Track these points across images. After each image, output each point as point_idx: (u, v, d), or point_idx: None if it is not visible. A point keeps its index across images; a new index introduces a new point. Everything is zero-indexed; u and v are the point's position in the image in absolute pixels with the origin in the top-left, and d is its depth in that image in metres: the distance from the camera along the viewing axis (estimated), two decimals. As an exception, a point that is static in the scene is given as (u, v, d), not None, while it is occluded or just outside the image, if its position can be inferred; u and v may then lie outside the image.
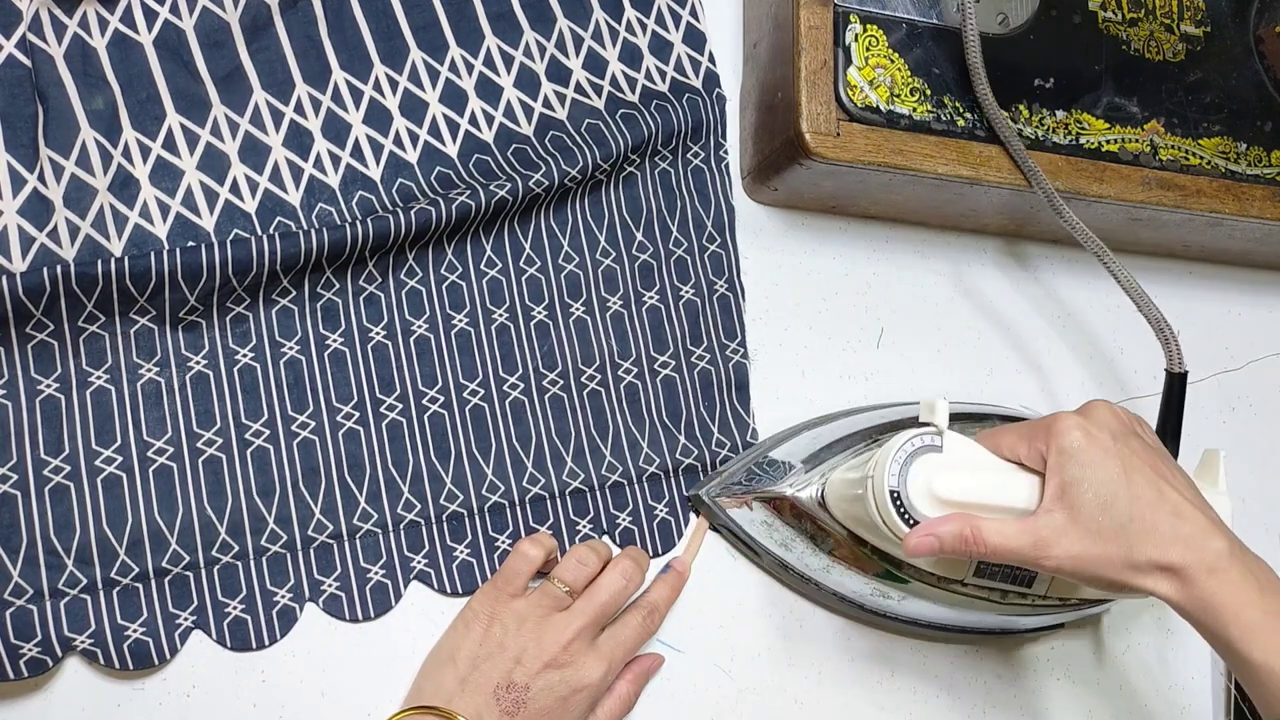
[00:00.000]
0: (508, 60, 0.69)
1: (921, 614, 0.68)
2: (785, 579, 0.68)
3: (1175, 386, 0.67)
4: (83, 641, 0.56)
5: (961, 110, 0.69)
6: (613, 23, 0.72)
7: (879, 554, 0.65)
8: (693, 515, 0.68)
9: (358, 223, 0.61)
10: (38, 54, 0.61)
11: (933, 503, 0.54)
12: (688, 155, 0.72)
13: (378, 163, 0.66)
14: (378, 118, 0.66)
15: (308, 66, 0.66)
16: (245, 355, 0.62)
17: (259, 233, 0.62)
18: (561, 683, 0.58)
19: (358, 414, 0.63)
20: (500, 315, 0.66)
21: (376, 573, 0.62)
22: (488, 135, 0.68)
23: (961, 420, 0.68)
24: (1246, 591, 0.50)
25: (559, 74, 0.70)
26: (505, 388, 0.66)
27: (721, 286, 0.71)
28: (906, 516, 0.54)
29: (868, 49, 0.68)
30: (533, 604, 0.60)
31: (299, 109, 0.65)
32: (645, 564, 0.65)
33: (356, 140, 0.66)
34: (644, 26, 0.72)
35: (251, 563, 0.60)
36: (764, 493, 0.65)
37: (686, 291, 0.70)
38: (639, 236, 0.70)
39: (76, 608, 0.56)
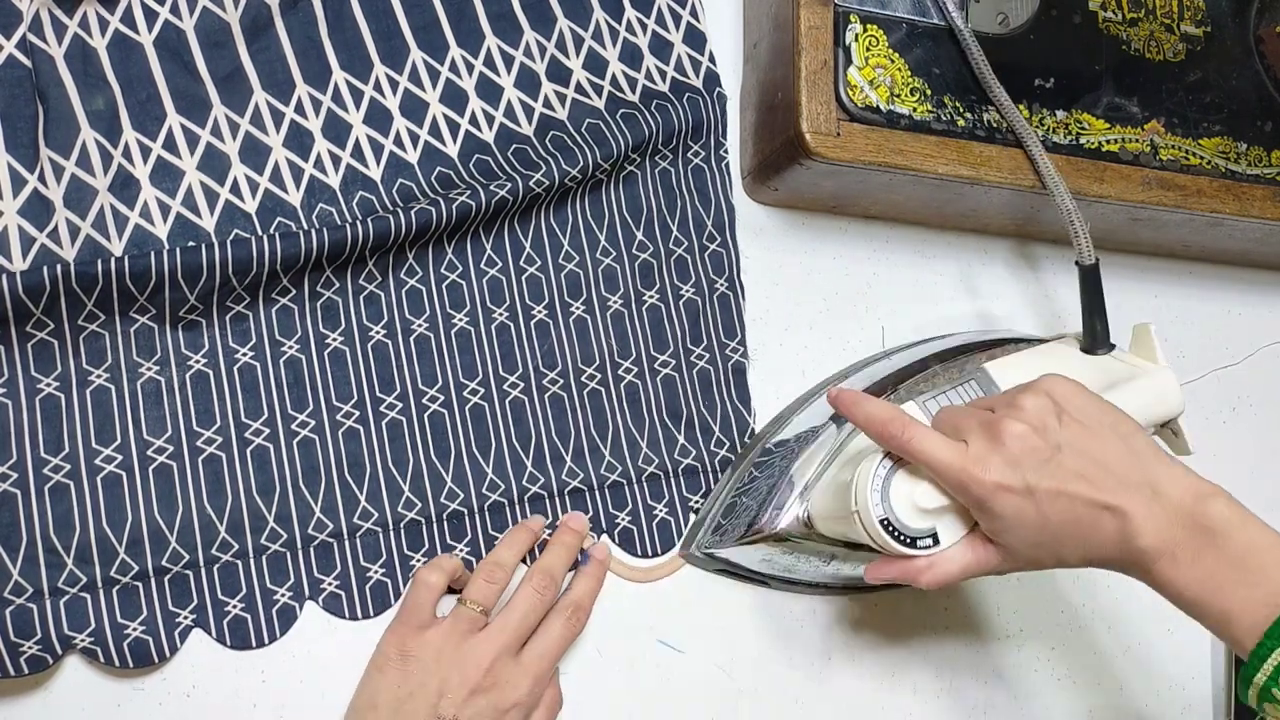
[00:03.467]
0: (508, 60, 0.69)
1: None
2: (799, 591, 0.68)
3: (1088, 278, 0.67)
4: (83, 640, 0.56)
5: (961, 110, 0.69)
6: (613, 23, 0.72)
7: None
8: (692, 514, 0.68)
9: (358, 223, 0.61)
10: (38, 54, 0.61)
11: (920, 515, 0.54)
12: (688, 155, 0.72)
13: (378, 163, 0.66)
14: (378, 118, 0.66)
15: (308, 67, 0.66)
16: (245, 354, 0.62)
17: (259, 233, 0.62)
18: (490, 707, 0.57)
19: (358, 413, 0.63)
20: (500, 314, 0.66)
21: (376, 571, 0.62)
22: (488, 135, 0.68)
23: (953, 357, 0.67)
24: (1192, 562, 0.51)
25: (559, 74, 0.70)
26: (505, 387, 0.66)
27: (722, 286, 0.71)
28: (902, 537, 0.54)
29: (868, 49, 0.68)
30: (446, 632, 0.58)
31: (299, 109, 0.65)
32: (562, 566, 0.63)
33: (357, 140, 0.66)
34: (644, 26, 0.72)
35: (251, 561, 0.60)
36: (752, 537, 0.63)
37: (687, 291, 0.70)
38: (639, 236, 0.70)
39: (76, 606, 0.57)
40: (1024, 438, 0.52)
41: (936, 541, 0.54)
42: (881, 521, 0.54)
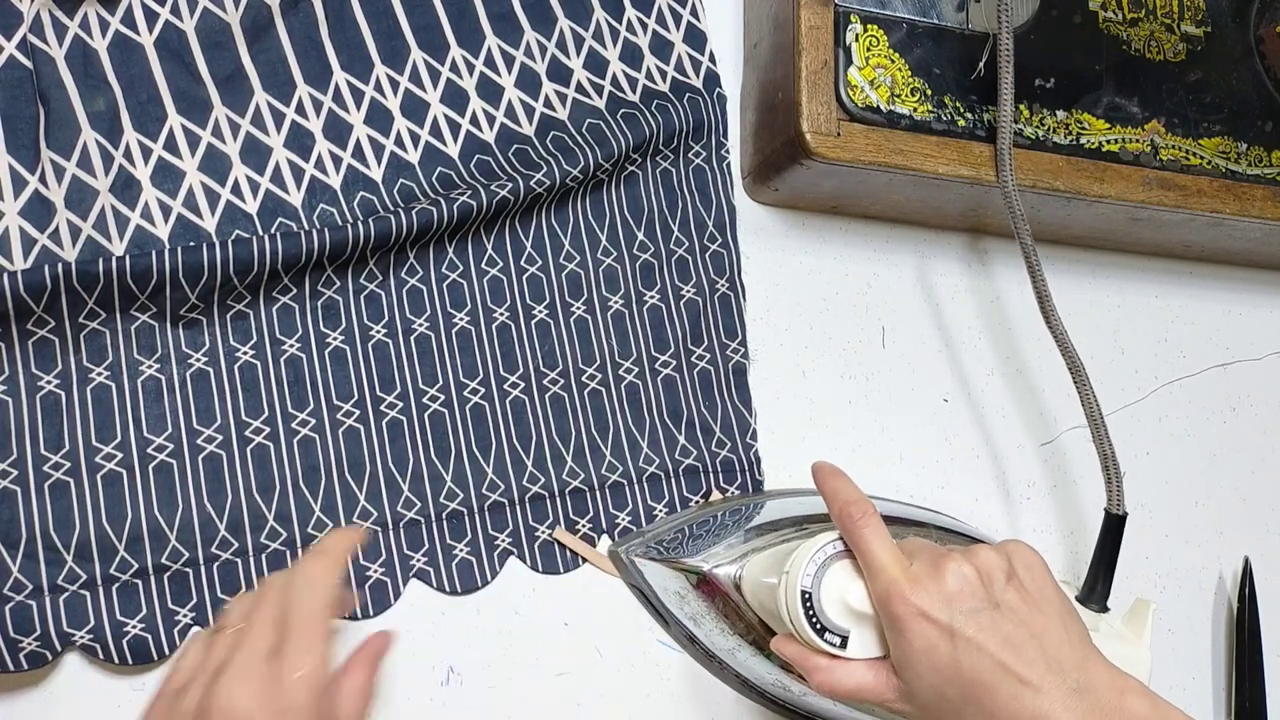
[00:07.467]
0: (509, 60, 0.70)
1: (821, 709, 0.65)
2: (692, 652, 0.66)
3: (1113, 529, 0.66)
4: (82, 637, 0.56)
5: (962, 110, 0.69)
6: (613, 22, 0.72)
7: None
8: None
9: (359, 223, 0.61)
10: (39, 55, 0.61)
11: (844, 611, 0.52)
12: (689, 155, 0.72)
13: (379, 163, 0.66)
14: (379, 118, 0.67)
15: (309, 67, 0.66)
16: (246, 353, 0.62)
17: (260, 233, 0.63)
18: None
19: (358, 412, 0.63)
20: (501, 314, 0.67)
21: (375, 570, 0.62)
22: (489, 135, 0.68)
23: (894, 525, 0.63)
24: None
25: (560, 74, 0.70)
26: (506, 386, 0.66)
27: (723, 286, 0.71)
28: (815, 620, 0.52)
29: (868, 49, 0.68)
30: None
31: (300, 110, 0.65)
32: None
33: (358, 141, 0.66)
34: (645, 26, 0.72)
35: (251, 560, 0.60)
36: (682, 565, 0.62)
37: (687, 291, 0.70)
38: (640, 236, 0.70)
39: (76, 603, 0.57)
40: (967, 580, 0.50)
41: (844, 645, 0.52)
42: (803, 594, 0.52)
